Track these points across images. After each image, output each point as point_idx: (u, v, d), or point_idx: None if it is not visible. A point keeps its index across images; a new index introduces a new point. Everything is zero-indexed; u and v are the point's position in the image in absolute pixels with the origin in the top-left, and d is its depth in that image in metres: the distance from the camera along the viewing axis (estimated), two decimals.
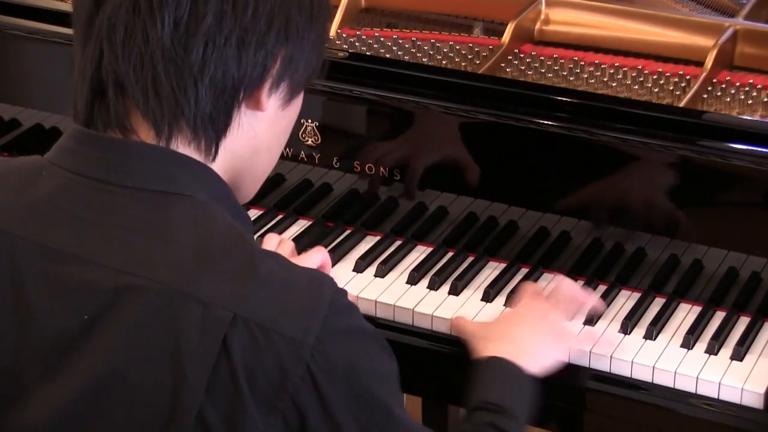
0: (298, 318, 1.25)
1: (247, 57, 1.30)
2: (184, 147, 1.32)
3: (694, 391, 1.71)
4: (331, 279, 1.30)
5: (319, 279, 1.30)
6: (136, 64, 1.29)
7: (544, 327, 1.71)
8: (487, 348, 1.64)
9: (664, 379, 1.73)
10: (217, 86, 1.30)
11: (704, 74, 1.97)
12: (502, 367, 1.60)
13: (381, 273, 1.93)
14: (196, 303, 1.24)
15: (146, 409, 1.25)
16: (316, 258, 1.73)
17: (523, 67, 2.06)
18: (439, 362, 1.84)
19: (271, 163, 1.42)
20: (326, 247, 1.97)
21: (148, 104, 1.29)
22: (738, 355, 1.74)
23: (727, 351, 1.75)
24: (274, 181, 2.08)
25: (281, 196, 2.09)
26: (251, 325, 1.24)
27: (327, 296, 1.27)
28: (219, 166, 1.35)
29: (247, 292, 1.25)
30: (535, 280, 1.91)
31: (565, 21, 2.16)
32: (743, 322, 1.81)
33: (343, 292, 1.31)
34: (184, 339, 1.23)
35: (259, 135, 1.36)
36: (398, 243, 2.00)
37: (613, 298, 1.87)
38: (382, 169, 1.99)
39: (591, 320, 1.81)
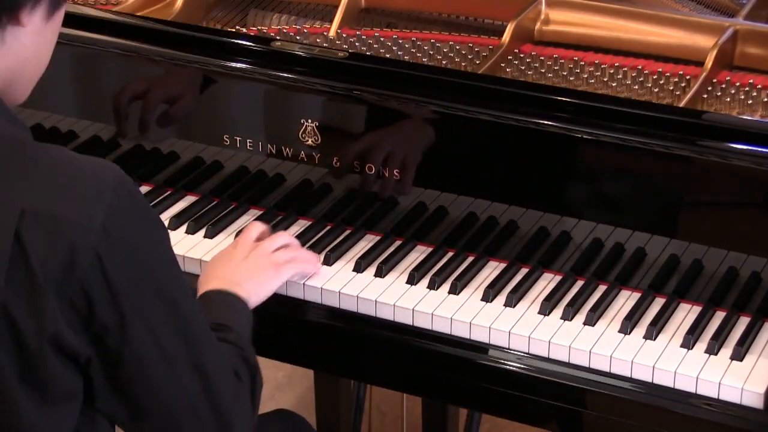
0: (84, 205, 1.34)
1: None
2: None
3: (694, 391, 1.71)
4: (116, 167, 1.39)
5: (102, 166, 1.39)
6: None
7: (256, 259, 1.85)
8: (209, 286, 1.77)
9: (664, 379, 1.73)
10: None
11: (704, 74, 1.97)
12: (216, 296, 1.74)
13: (381, 273, 1.93)
14: None
15: None
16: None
17: (523, 67, 2.06)
18: (439, 362, 1.84)
19: (40, 70, 1.51)
20: (326, 247, 1.98)
21: None
22: (738, 355, 1.74)
23: (727, 351, 1.75)
24: (274, 181, 2.09)
25: (281, 196, 2.09)
26: (39, 216, 1.33)
27: (110, 182, 1.36)
28: None
29: (32, 186, 1.35)
30: (535, 280, 1.91)
31: (565, 21, 2.16)
32: (743, 322, 1.81)
33: (129, 179, 1.38)
34: None
35: (25, 47, 1.45)
36: (398, 243, 2.00)
37: (613, 298, 1.87)
38: (382, 169, 1.99)
39: (591, 321, 1.81)
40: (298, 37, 2.18)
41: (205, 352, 1.48)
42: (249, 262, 1.84)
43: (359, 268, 1.94)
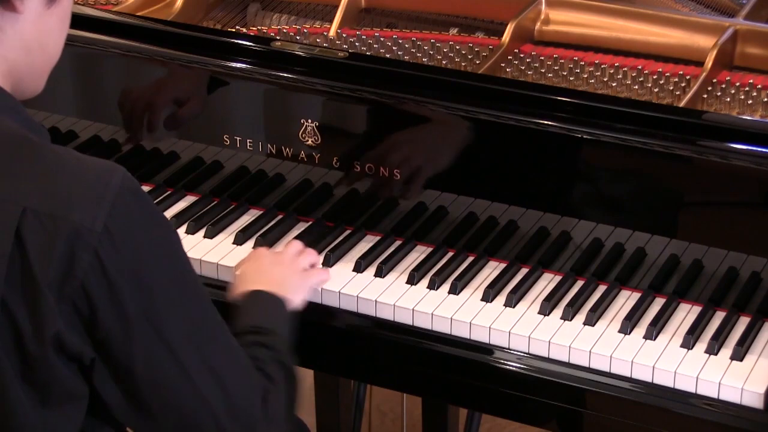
0: (87, 206, 1.33)
1: None
2: None
3: (694, 391, 1.71)
4: (122, 168, 1.37)
5: (109, 168, 1.37)
6: None
7: (290, 267, 1.85)
8: (248, 288, 1.75)
9: (664, 379, 1.73)
10: None
11: (704, 74, 1.97)
12: (262, 297, 1.72)
13: (381, 273, 1.93)
14: None
15: None
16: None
17: (523, 67, 2.06)
18: (439, 362, 1.84)
19: (49, 60, 1.50)
20: (326, 247, 1.98)
21: None
22: (738, 355, 1.74)
23: (727, 351, 1.75)
24: (274, 181, 2.09)
25: (281, 196, 2.09)
26: (41, 215, 1.33)
27: (116, 184, 1.35)
28: None
29: (36, 186, 1.34)
30: (535, 280, 1.91)
31: (565, 21, 2.16)
32: (743, 322, 1.81)
33: (134, 181, 1.37)
34: None
35: (26, 35, 1.43)
36: (398, 243, 2.00)
37: (613, 298, 1.88)
38: (382, 169, 1.99)
39: (591, 321, 1.81)
40: (298, 37, 2.18)
41: (217, 353, 1.46)
42: (282, 269, 1.83)
43: (359, 268, 1.94)
